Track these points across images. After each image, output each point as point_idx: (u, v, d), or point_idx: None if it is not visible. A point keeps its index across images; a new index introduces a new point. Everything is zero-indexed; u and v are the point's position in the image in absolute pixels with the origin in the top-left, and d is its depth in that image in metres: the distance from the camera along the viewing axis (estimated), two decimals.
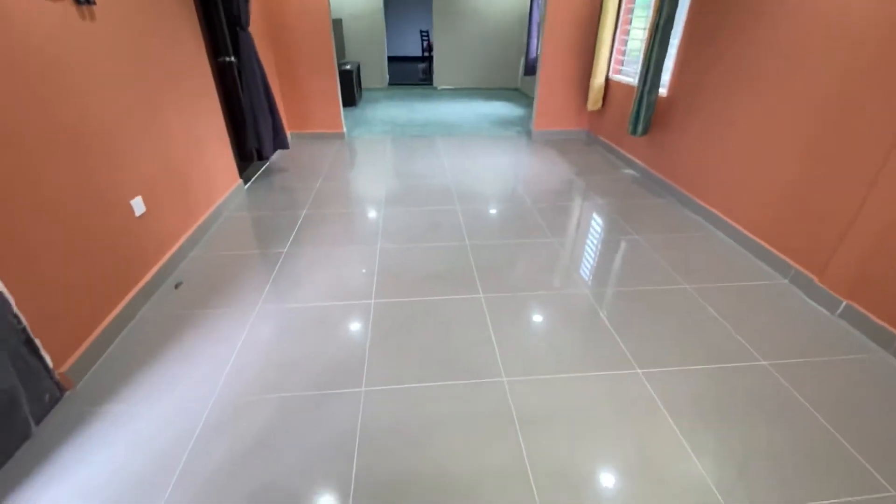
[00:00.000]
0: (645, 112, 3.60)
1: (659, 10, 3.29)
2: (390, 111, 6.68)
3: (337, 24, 7.09)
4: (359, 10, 7.76)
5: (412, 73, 10.03)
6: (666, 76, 3.55)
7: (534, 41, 7.00)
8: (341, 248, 2.77)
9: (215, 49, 3.45)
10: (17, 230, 1.53)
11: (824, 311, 2.22)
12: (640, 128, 3.69)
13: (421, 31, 10.97)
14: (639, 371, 1.83)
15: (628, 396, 1.71)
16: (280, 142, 3.97)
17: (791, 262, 2.45)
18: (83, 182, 1.84)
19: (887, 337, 1.95)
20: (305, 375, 1.79)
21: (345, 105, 6.62)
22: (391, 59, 10.43)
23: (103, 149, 1.98)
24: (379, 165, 4.33)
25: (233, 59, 3.59)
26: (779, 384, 1.77)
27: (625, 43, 4.41)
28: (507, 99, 7.67)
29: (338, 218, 3.19)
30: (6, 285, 1.47)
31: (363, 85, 8.29)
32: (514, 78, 8.44)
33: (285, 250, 2.74)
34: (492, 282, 2.43)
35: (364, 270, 2.54)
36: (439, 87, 8.46)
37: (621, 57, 4.48)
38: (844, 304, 2.13)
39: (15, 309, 1.51)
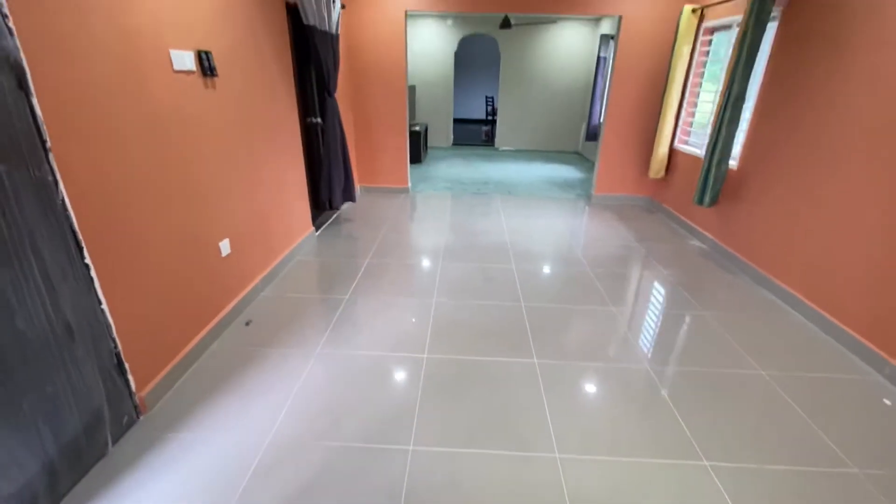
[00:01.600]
0: (713, 183, 3.52)
1: (729, 87, 3.30)
2: (453, 169, 7.00)
3: (411, 90, 7.72)
4: (431, 77, 8.42)
5: (475, 134, 10.54)
6: (737, 148, 3.48)
7: (597, 107, 7.18)
8: (399, 299, 2.85)
9: (305, 110, 3.88)
10: (125, 263, 1.75)
11: None
12: (707, 198, 3.59)
13: (486, 97, 11.62)
14: (706, 463, 1.68)
15: (695, 492, 1.57)
16: (349, 194, 4.27)
17: (887, 358, 2.20)
18: (185, 225, 2.09)
19: None
20: (356, 425, 1.82)
21: (411, 162, 7.04)
22: (456, 121, 11.04)
23: (206, 195, 2.24)
24: (439, 220, 4.50)
25: (319, 120, 4.01)
26: (872, 497, 1.55)
27: (692, 115, 4.42)
28: (568, 162, 7.80)
29: (397, 269, 3.31)
30: (111, 312, 1.67)
31: (429, 144, 8.81)
32: (576, 142, 8.61)
33: (347, 297, 2.87)
34: (546, 347, 2.38)
35: (414, 320, 2.60)
36: (501, 148, 8.80)
37: (688, 128, 4.48)
38: None
39: (114, 333, 1.69)
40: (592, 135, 7.35)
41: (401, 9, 4.57)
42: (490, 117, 11.39)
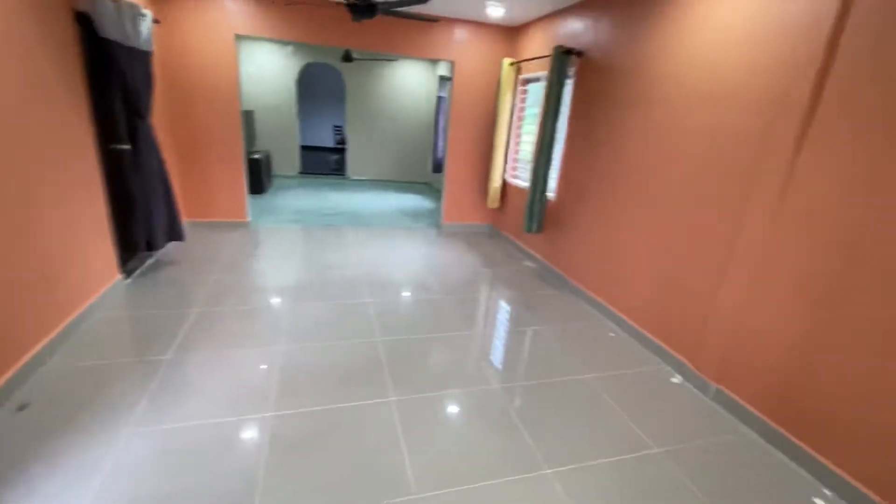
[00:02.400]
0: (538, 213, 4.04)
1: (542, 131, 3.86)
2: (300, 200, 6.66)
3: (248, 115, 7.18)
4: (272, 102, 7.98)
5: (324, 162, 10.29)
6: (553, 183, 4.08)
7: (439, 142, 7.69)
8: (237, 352, 2.53)
9: (109, 136, 3.25)
10: None
11: (700, 395, 2.49)
12: (533, 227, 4.10)
13: (334, 126, 11.50)
14: (548, 472, 1.84)
15: (540, 502, 1.69)
16: (175, 233, 3.69)
17: (669, 350, 2.76)
18: None
19: (749, 417, 2.22)
20: None
21: (252, 192, 6.48)
22: (305, 149, 10.62)
23: None
24: (285, 256, 4.19)
25: (127, 146, 3.40)
26: (671, 472, 1.89)
27: (517, 152, 5.05)
28: (419, 192, 8.13)
29: (235, 316, 2.95)
30: None
31: (274, 172, 8.26)
32: (424, 173, 9.07)
33: (168, 357, 2.42)
34: (403, 382, 2.36)
35: (264, 366, 2.33)
36: (353, 178, 8.74)
37: (515, 164, 5.09)
38: (714, 388, 2.42)
39: None
40: (437, 167, 7.83)
41: (230, 32, 4.24)
42: (339, 146, 11.28)
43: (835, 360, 1.87)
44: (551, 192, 4.11)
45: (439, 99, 7.50)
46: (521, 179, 4.91)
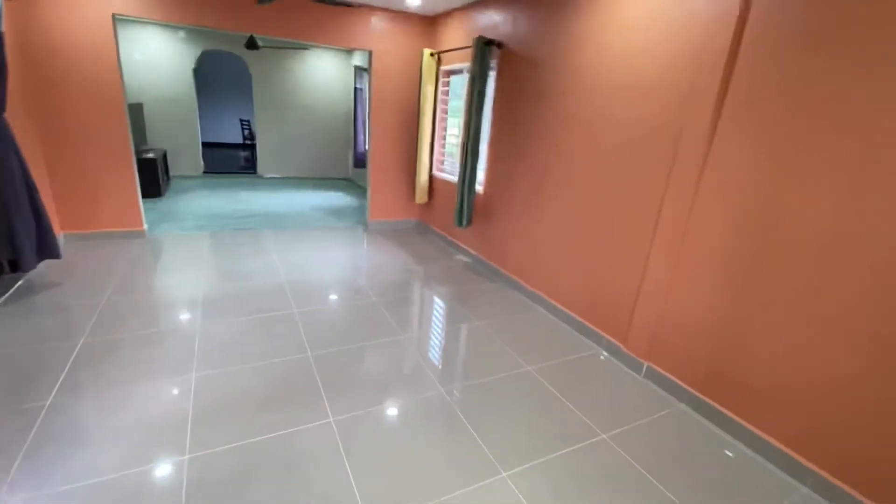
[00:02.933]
0: (467, 207, 4.00)
1: (468, 124, 3.81)
2: (206, 201, 6.01)
3: (136, 108, 6.30)
4: (164, 93, 7.08)
5: (232, 160, 9.42)
6: (481, 175, 4.06)
7: (360, 135, 7.38)
8: (139, 386, 2.16)
9: None
10: None
11: (634, 374, 2.60)
12: (464, 220, 4.06)
13: (241, 120, 10.57)
14: (504, 475, 1.79)
15: None
16: (48, 249, 3.08)
17: (603, 333, 2.87)
18: None
19: (680, 391, 2.36)
20: None
21: (147, 196, 5.73)
22: (208, 145, 9.65)
23: None
24: (193, 268, 3.72)
25: None
26: (618, 455, 1.94)
27: (443, 146, 4.97)
28: (339, 188, 7.76)
29: (135, 343, 2.53)
30: None
31: (172, 173, 7.38)
32: (345, 168, 8.67)
33: (48, 402, 2.00)
34: (341, 398, 2.17)
35: (174, 398, 2.01)
36: (265, 176, 8.10)
37: (441, 157, 5.01)
38: (646, 365, 2.55)
39: None
40: (360, 161, 7.52)
41: (106, 11, 3.62)
42: (248, 142, 10.41)
43: (752, 331, 2.03)
44: (480, 185, 4.09)
45: (357, 90, 7.18)
46: (449, 173, 4.85)
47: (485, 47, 3.62)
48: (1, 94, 2.70)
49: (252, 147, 9.84)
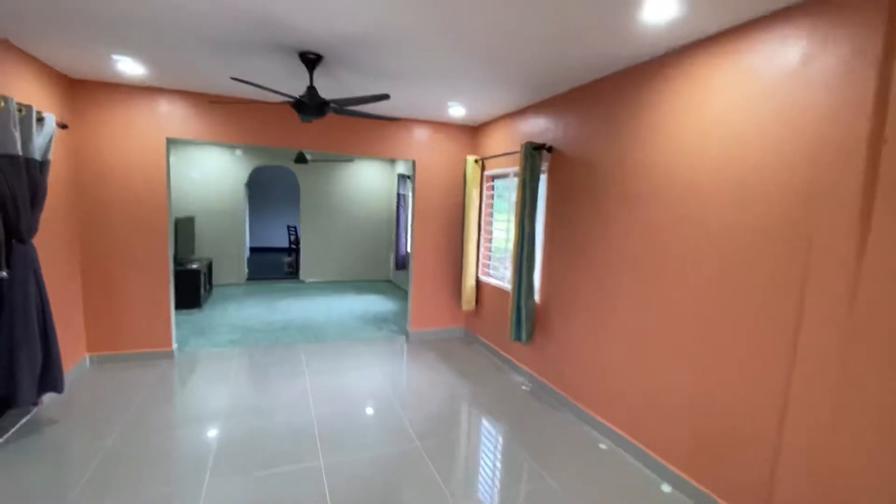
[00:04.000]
0: (526, 320, 3.49)
1: (520, 228, 3.46)
2: (245, 311, 5.82)
3: (188, 221, 6.53)
4: (217, 207, 7.42)
5: (276, 266, 9.54)
6: (537, 282, 3.59)
7: (402, 238, 7.28)
8: None
9: None
10: None
11: None
12: (523, 335, 3.52)
13: (288, 227, 10.99)
14: None
15: None
16: (51, 383, 2.78)
17: (720, 502, 2.09)
18: None
19: None
20: None
21: (186, 307, 5.62)
22: (255, 250, 9.93)
23: None
24: (214, 398, 3.29)
25: (3, 273, 2.62)
26: None
27: (489, 250, 4.63)
28: (380, 292, 7.49)
29: None
30: None
31: (215, 281, 7.43)
32: (386, 270, 8.52)
33: None
34: None
35: None
36: (307, 281, 8.02)
37: (487, 262, 4.65)
38: None
39: None
40: (401, 264, 7.32)
41: (160, 135, 3.75)
42: (294, 246, 10.67)
43: None
44: (536, 293, 3.61)
45: (399, 196, 7.25)
46: (496, 278, 4.43)
47: (534, 152, 3.40)
48: (28, 219, 2.62)
49: (297, 250, 10.02)
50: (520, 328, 3.55)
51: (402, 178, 7.21)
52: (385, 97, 2.43)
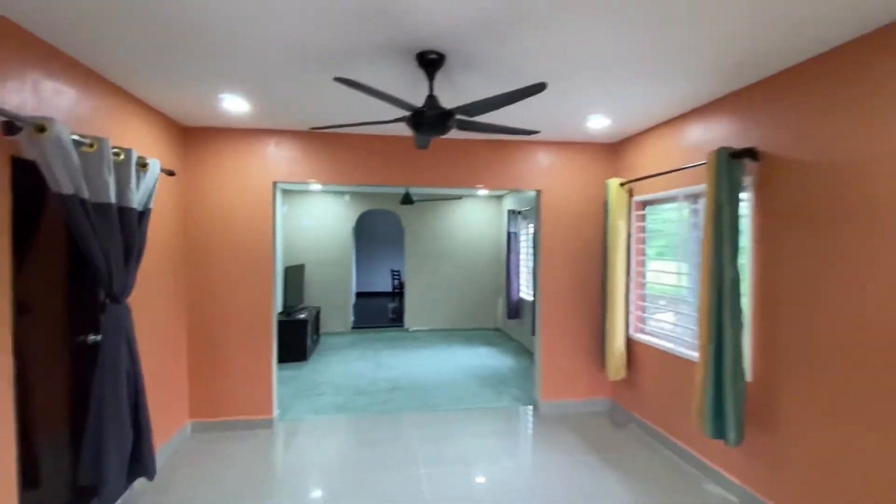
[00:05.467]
0: (732, 408, 2.34)
1: (715, 272, 2.41)
2: (350, 366, 5.35)
3: (298, 269, 6.46)
4: (326, 254, 7.34)
5: (380, 312, 9.25)
6: (747, 350, 2.45)
7: (514, 283, 6.42)
8: None
9: (75, 324, 2.25)
10: None
11: None
12: (730, 432, 2.35)
13: (392, 271, 10.83)
14: None
15: None
16: (141, 468, 2.36)
17: None
18: None
19: None
20: None
21: (292, 360, 5.32)
22: (358, 295, 9.82)
23: None
24: (312, 485, 2.66)
25: (99, 337, 2.32)
26: None
27: (642, 300, 3.56)
28: (489, 342, 6.64)
29: None
30: None
31: (322, 329, 7.24)
32: (494, 318, 7.68)
33: None
34: None
35: None
36: (412, 329, 7.50)
37: (641, 314, 3.57)
38: None
39: None
40: (514, 312, 6.43)
41: (267, 179, 3.47)
42: (397, 290, 10.41)
43: None
44: (747, 369, 2.45)
45: (510, 235, 6.48)
46: (655, 336, 3.33)
47: (731, 162, 2.39)
48: (127, 277, 2.29)
49: (400, 295, 9.70)
50: (721, 421, 2.40)
51: (512, 214, 6.47)
52: (540, 88, 1.69)
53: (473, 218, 7.72)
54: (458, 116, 2.08)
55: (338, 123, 3.17)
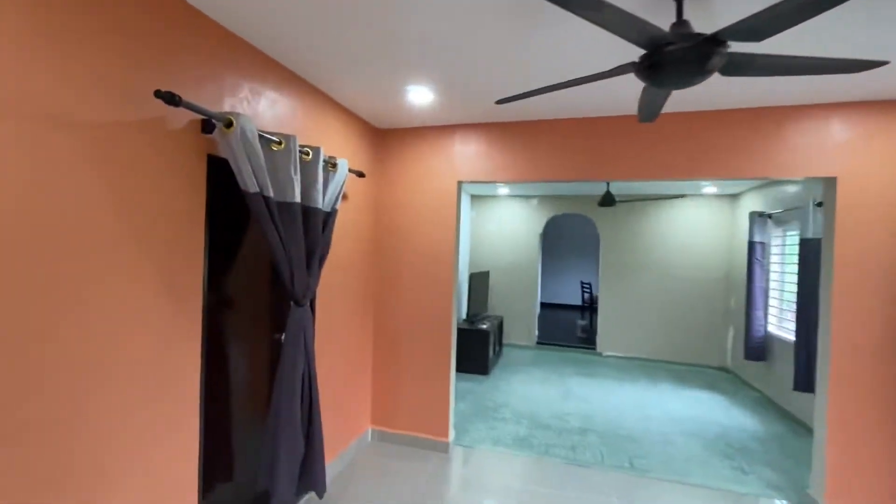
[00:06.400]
0: None
1: None
2: (533, 389, 4.75)
3: (483, 276, 6.21)
4: (509, 260, 6.94)
5: (567, 330, 8.35)
6: None
7: (758, 311, 4.76)
8: None
9: (277, 322, 2.31)
10: None
11: None
12: None
13: (582, 283, 9.80)
14: None
15: None
16: (311, 482, 2.23)
17: None
18: None
19: None
20: None
21: (472, 371, 5.03)
22: (543, 306, 9.17)
23: None
24: None
25: (281, 336, 2.31)
26: None
27: None
28: (713, 386, 5.11)
29: None
30: None
31: (505, 340, 6.84)
32: (720, 354, 5.97)
33: None
34: None
35: None
36: (604, 354, 6.44)
37: None
38: None
39: None
40: (756, 351, 4.77)
41: (452, 179, 3.18)
42: (587, 304, 9.34)
43: None
44: None
45: (753, 247, 4.84)
46: None
47: None
48: (310, 280, 2.19)
49: (591, 310, 8.66)
50: None
51: (758, 218, 4.82)
52: None
53: (694, 222, 6.17)
54: (730, 47, 1.26)
55: (532, 90, 2.62)
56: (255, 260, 2.25)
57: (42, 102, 1.22)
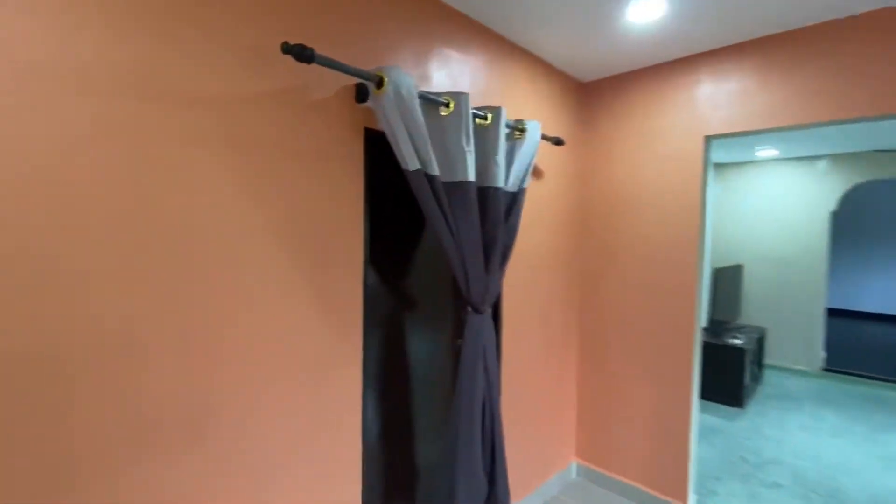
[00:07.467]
0: None
1: None
2: (823, 443, 3.20)
3: (733, 271, 4.66)
4: (776, 250, 5.03)
5: (879, 347, 5.67)
6: None
7: None
8: None
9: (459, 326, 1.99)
10: None
11: None
12: None
13: None
14: None
15: None
16: None
17: None
18: None
19: None
20: None
21: (720, 400, 3.80)
22: (833, 313, 6.54)
23: None
24: None
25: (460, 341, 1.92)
26: None
27: None
28: None
29: None
30: None
31: (768, 360, 5.03)
32: None
33: None
34: None
35: None
36: None
37: None
38: None
39: None
40: None
41: (696, 135, 2.21)
42: None
43: None
44: None
45: None
46: None
47: None
48: (489, 278, 1.71)
49: None
50: None
51: None
52: None
53: None
54: None
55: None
56: (427, 257, 1.90)
57: (172, 76, 1.06)
